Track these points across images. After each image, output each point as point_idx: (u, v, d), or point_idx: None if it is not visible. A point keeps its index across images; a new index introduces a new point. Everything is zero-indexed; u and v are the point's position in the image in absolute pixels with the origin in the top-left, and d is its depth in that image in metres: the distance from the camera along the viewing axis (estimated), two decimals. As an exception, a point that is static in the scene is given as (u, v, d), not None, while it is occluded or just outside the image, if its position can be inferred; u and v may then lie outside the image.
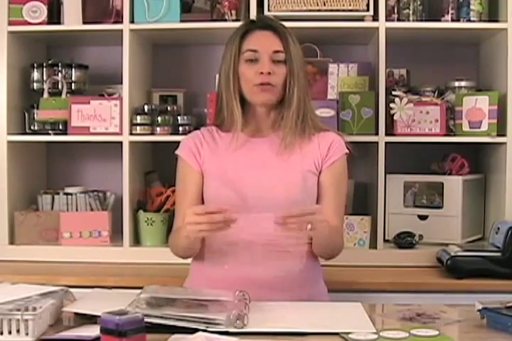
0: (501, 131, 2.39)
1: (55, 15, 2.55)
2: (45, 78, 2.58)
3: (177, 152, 1.88)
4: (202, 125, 2.43)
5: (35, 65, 2.61)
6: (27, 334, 1.36)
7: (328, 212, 1.79)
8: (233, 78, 1.80)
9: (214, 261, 1.78)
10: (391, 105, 2.41)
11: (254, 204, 1.73)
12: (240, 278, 1.71)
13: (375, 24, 2.42)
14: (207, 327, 1.40)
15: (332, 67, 2.58)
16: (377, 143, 2.40)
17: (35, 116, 2.57)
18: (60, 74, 2.60)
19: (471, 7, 2.44)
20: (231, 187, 1.76)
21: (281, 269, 1.74)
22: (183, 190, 1.86)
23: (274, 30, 1.78)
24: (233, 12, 2.48)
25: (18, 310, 1.38)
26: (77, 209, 2.59)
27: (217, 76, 1.92)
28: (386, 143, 2.40)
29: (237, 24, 1.89)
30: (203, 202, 1.83)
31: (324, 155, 1.81)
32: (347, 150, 1.85)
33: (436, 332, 1.39)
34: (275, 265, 1.73)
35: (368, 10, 2.42)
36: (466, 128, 2.43)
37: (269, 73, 1.75)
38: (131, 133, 2.49)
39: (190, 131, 2.22)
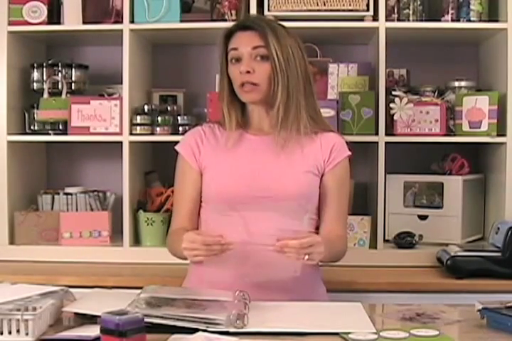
0: (501, 131, 2.39)
1: (55, 15, 2.55)
2: (45, 78, 2.58)
3: (177, 148, 1.88)
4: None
5: (35, 65, 2.61)
6: (27, 334, 1.36)
7: (330, 217, 1.81)
8: (222, 79, 1.82)
9: (212, 262, 1.77)
10: (391, 105, 2.41)
11: (253, 203, 1.73)
12: (238, 279, 1.71)
13: (375, 24, 2.42)
14: (207, 327, 1.40)
15: (332, 67, 2.58)
16: (377, 143, 2.40)
17: (35, 116, 2.57)
18: (60, 74, 2.59)
19: (471, 7, 2.44)
20: (230, 185, 1.76)
21: (279, 269, 1.73)
22: (180, 189, 1.86)
23: (254, 29, 1.78)
24: (233, 12, 2.48)
25: (18, 310, 1.38)
26: (77, 209, 2.59)
27: (217, 76, 1.93)
28: (386, 143, 2.40)
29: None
30: (200, 201, 1.83)
31: (327, 158, 1.81)
32: (349, 153, 1.85)
33: (436, 332, 1.39)
34: (273, 264, 1.73)
35: (368, 10, 2.42)
36: (466, 128, 2.43)
37: (248, 72, 1.75)
38: (131, 133, 2.49)
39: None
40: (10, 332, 1.36)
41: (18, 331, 1.36)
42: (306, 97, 1.80)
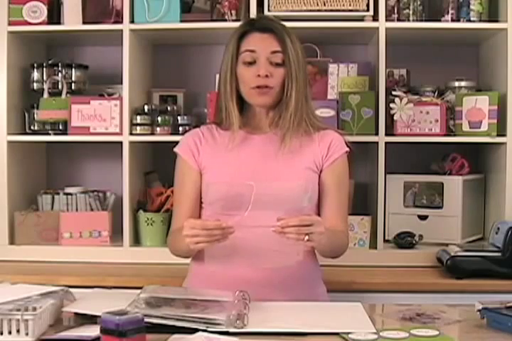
0: (501, 131, 2.39)
1: (55, 15, 2.55)
2: (45, 78, 2.58)
3: (176, 149, 1.88)
4: (202, 124, 2.44)
5: (35, 65, 2.61)
6: (27, 334, 1.36)
7: (331, 213, 1.80)
8: (230, 79, 1.80)
9: (213, 261, 1.78)
10: (391, 105, 2.41)
11: (253, 202, 1.73)
12: (239, 277, 1.71)
13: (375, 24, 2.42)
14: (207, 327, 1.40)
15: (332, 67, 2.58)
16: (377, 143, 2.40)
17: (35, 116, 2.57)
18: (60, 74, 2.60)
19: (471, 7, 2.44)
20: (230, 185, 1.76)
21: (280, 267, 1.74)
22: (180, 189, 1.86)
23: (273, 32, 1.78)
24: (233, 12, 2.48)
25: (18, 310, 1.38)
26: (77, 209, 2.59)
27: (217, 76, 1.93)
28: (386, 143, 2.40)
29: (237, 24, 1.89)
30: (200, 200, 1.83)
31: (325, 154, 1.81)
32: (347, 149, 1.85)
33: (436, 332, 1.39)
34: (273, 263, 1.73)
35: (368, 10, 2.42)
36: (466, 128, 2.43)
37: (267, 76, 1.75)
38: (131, 133, 2.49)
39: (190, 131, 2.22)
40: (10, 332, 1.36)
41: (18, 331, 1.36)
42: (307, 99, 1.81)
